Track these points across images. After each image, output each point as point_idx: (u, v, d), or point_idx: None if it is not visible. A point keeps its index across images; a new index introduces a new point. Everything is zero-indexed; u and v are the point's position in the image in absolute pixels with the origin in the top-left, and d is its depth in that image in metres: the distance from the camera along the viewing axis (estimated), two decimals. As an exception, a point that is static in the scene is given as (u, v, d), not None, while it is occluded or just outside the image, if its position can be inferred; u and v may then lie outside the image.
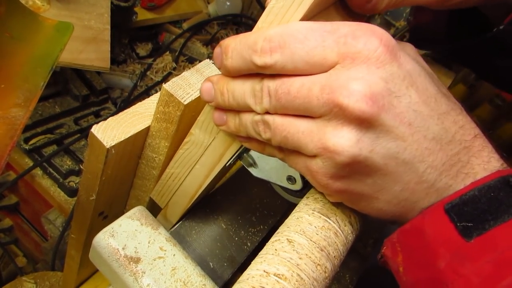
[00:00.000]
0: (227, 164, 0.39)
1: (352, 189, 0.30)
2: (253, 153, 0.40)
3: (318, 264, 0.29)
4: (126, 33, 1.02)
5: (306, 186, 0.40)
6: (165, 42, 1.11)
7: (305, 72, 0.28)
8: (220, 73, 0.32)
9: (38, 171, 0.77)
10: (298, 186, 0.40)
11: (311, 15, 0.31)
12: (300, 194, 0.41)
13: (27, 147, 0.74)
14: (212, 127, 0.37)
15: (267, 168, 0.40)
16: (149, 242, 0.38)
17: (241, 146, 0.37)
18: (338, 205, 0.34)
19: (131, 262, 0.36)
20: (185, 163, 0.41)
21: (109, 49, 0.81)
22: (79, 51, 0.75)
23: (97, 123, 0.37)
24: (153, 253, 0.38)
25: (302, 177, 0.39)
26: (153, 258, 0.37)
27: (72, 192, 0.75)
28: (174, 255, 0.38)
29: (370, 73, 0.26)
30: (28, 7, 0.52)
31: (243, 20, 1.31)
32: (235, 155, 0.38)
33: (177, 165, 0.42)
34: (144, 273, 0.36)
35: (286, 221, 0.33)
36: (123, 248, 0.37)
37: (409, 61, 0.28)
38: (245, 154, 0.40)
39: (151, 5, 1.10)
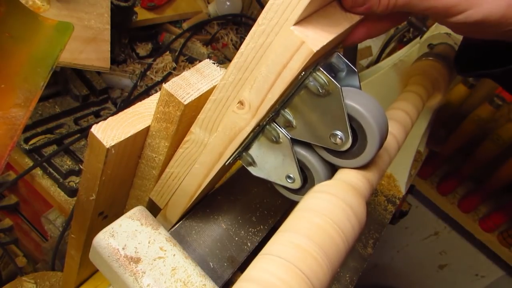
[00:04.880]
0: (226, 163, 0.39)
1: None
2: (252, 152, 0.40)
3: (318, 263, 0.29)
4: (126, 33, 1.02)
5: (305, 184, 0.40)
6: (165, 42, 1.11)
7: None
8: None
9: (38, 171, 0.77)
10: (297, 184, 0.40)
11: (311, 12, 0.31)
12: (300, 192, 0.41)
13: (27, 147, 0.74)
14: (212, 126, 0.37)
15: (267, 167, 0.40)
16: (149, 242, 0.38)
17: (241, 144, 0.37)
18: (338, 204, 0.33)
19: (131, 262, 0.36)
20: (185, 162, 0.41)
21: (109, 49, 0.81)
22: (79, 51, 0.75)
23: (97, 123, 0.37)
24: (153, 253, 0.38)
25: (301, 176, 0.39)
26: (153, 258, 0.37)
27: (72, 192, 0.75)
28: (174, 255, 0.38)
29: None
30: (28, 7, 0.52)
31: (243, 20, 1.31)
32: (235, 153, 0.38)
33: (177, 165, 0.42)
34: (144, 273, 0.36)
35: (286, 220, 0.33)
36: (123, 248, 0.37)
37: None
38: (244, 153, 0.40)
39: (151, 5, 1.10)
